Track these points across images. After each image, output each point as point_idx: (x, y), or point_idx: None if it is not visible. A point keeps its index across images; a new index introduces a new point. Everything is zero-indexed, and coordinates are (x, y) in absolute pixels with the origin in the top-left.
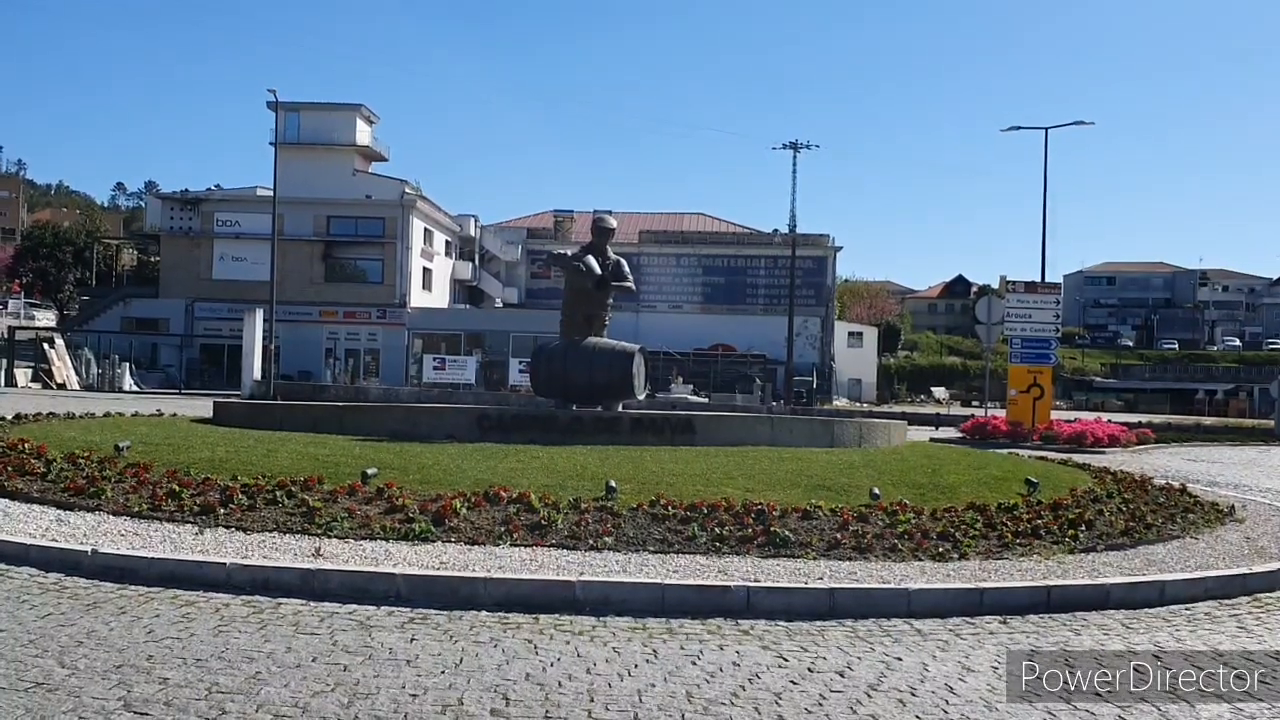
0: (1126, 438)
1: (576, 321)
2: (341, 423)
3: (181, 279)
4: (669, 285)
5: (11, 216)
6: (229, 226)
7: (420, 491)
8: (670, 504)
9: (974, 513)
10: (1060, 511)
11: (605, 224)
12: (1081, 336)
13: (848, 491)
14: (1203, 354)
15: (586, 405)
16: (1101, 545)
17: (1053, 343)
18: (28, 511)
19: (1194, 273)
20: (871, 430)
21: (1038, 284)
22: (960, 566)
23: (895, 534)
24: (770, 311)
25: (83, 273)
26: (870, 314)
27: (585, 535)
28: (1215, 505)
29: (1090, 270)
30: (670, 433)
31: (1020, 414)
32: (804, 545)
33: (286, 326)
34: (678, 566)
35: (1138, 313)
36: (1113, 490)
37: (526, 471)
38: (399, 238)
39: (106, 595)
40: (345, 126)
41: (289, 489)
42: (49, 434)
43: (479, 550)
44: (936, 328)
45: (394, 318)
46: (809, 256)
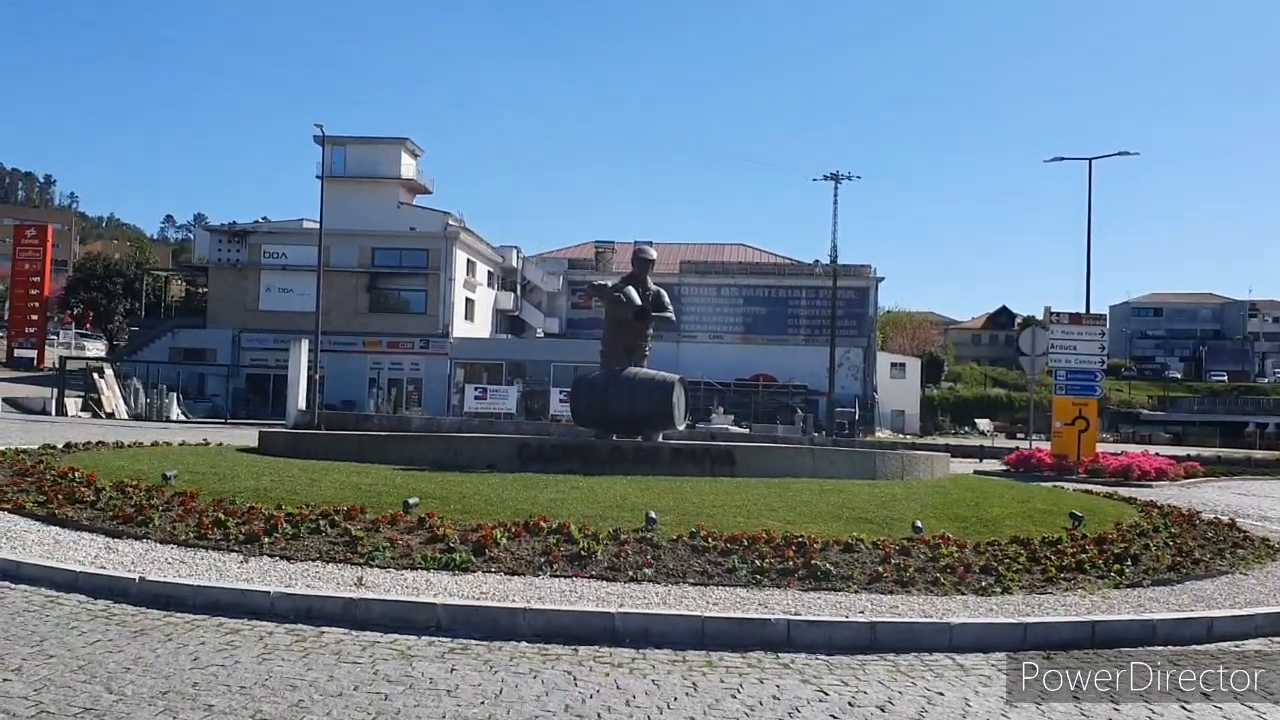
0: (1174, 471)
1: (617, 352)
2: (384, 452)
3: (229, 310)
4: (710, 315)
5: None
6: (275, 258)
7: (461, 521)
8: (710, 535)
9: (1017, 546)
10: (1105, 546)
11: (646, 255)
12: (1128, 368)
13: (890, 524)
14: (1253, 386)
15: (627, 435)
16: (1147, 581)
17: (1098, 375)
18: (77, 539)
19: (1243, 304)
20: (914, 462)
21: (1082, 315)
22: (1003, 601)
23: (937, 567)
24: (812, 342)
25: (132, 304)
26: (913, 345)
27: (625, 566)
28: (1266, 541)
29: (1137, 301)
30: (710, 464)
31: (1065, 447)
32: (845, 578)
33: (331, 356)
34: (718, 599)
35: (1186, 344)
36: (1159, 524)
37: (566, 502)
38: (442, 269)
39: (153, 622)
40: (390, 160)
41: (332, 518)
42: (98, 463)
43: (519, 581)
44: (980, 359)
45: (437, 347)
46: (850, 287)
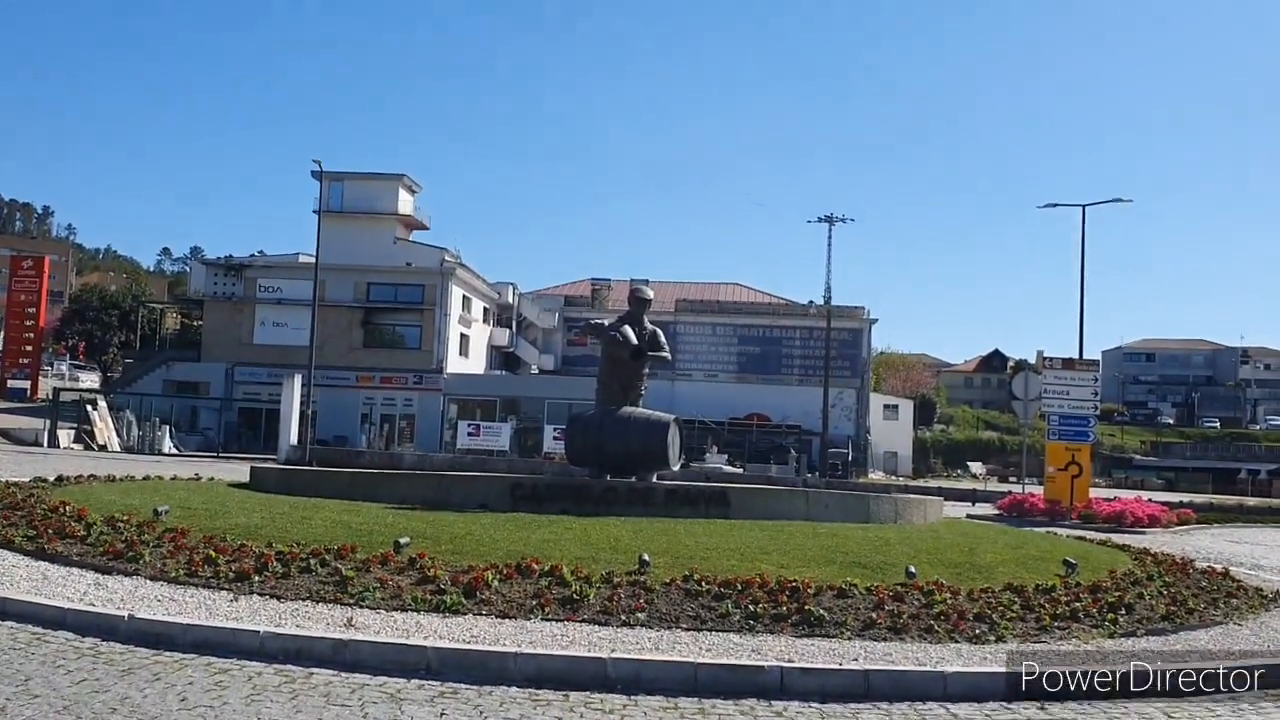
0: (1167, 518)
1: (613, 390)
2: (376, 490)
3: (223, 343)
4: (705, 354)
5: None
6: (271, 292)
7: (452, 562)
8: (704, 579)
9: (1011, 594)
10: (1099, 594)
11: (642, 295)
12: (1121, 413)
13: (883, 569)
14: (1245, 433)
15: (621, 475)
16: (1142, 630)
17: (1091, 420)
18: (67, 575)
19: (1235, 350)
20: (907, 506)
21: (1075, 360)
22: (997, 649)
23: (931, 614)
24: (806, 382)
25: (127, 335)
26: (906, 386)
27: (618, 610)
28: (1260, 590)
29: (1129, 346)
30: (705, 505)
31: (1058, 492)
32: (839, 624)
33: (324, 391)
34: (711, 645)
35: (1178, 390)
36: (1153, 573)
37: (559, 543)
38: (438, 304)
39: (141, 661)
40: (388, 195)
41: (323, 557)
42: (89, 497)
43: (510, 624)
44: (973, 402)
45: (430, 383)
46: (844, 328)
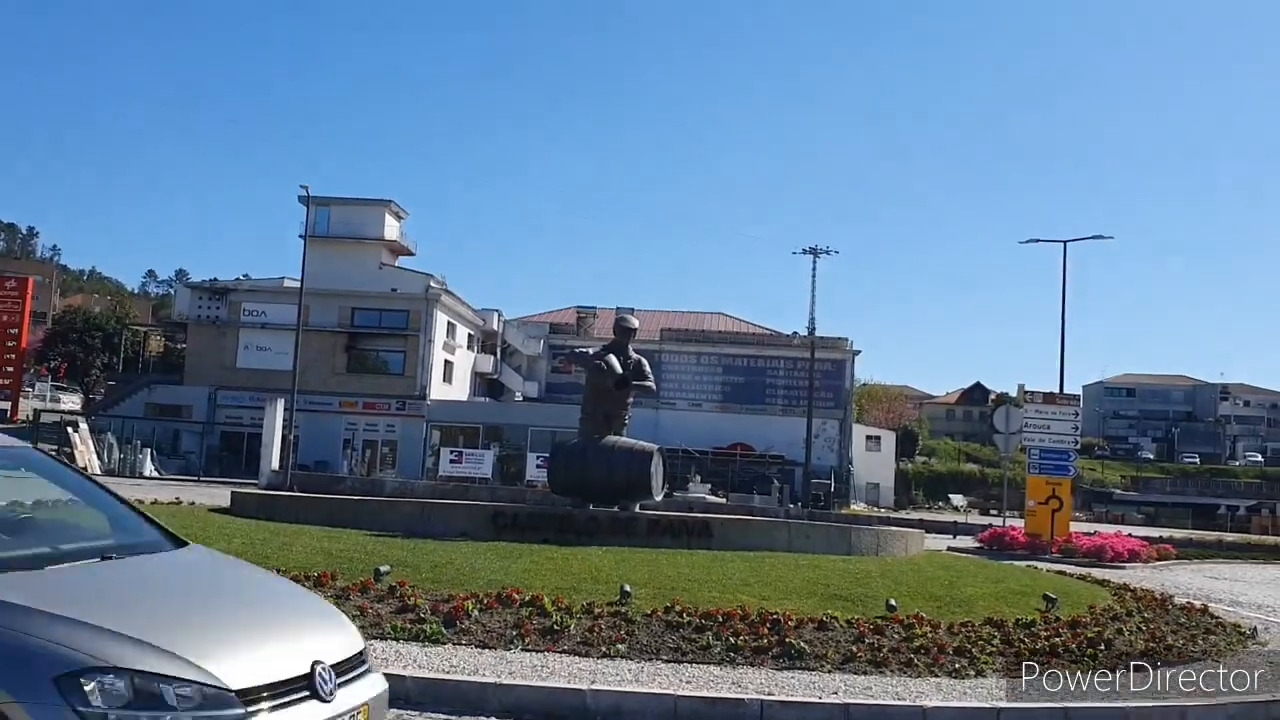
0: (1147, 553)
1: (597, 419)
2: (357, 516)
3: (206, 367)
4: (689, 383)
5: (44, 301)
6: (255, 316)
7: (432, 591)
8: (685, 611)
9: (991, 628)
10: (1079, 629)
11: (627, 324)
12: (1101, 448)
13: (864, 602)
14: (1224, 469)
15: (604, 504)
16: (1121, 666)
17: (1072, 454)
18: None
19: (1215, 386)
20: (889, 538)
21: (1056, 394)
22: (977, 684)
23: (911, 648)
24: (789, 412)
25: (110, 358)
26: (888, 418)
27: (598, 641)
28: (1238, 627)
29: (1110, 381)
30: (687, 536)
31: (1039, 526)
32: (819, 657)
33: (307, 416)
34: (691, 676)
35: (1158, 425)
36: (1132, 608)
37: (540, 573)
38: (422, 330)
39: None
40: (374, 221)
41: (302, 584)
42: None
43: (490, 654)
44: (954, 434)
45: (413, 409)
46: (828, 359)
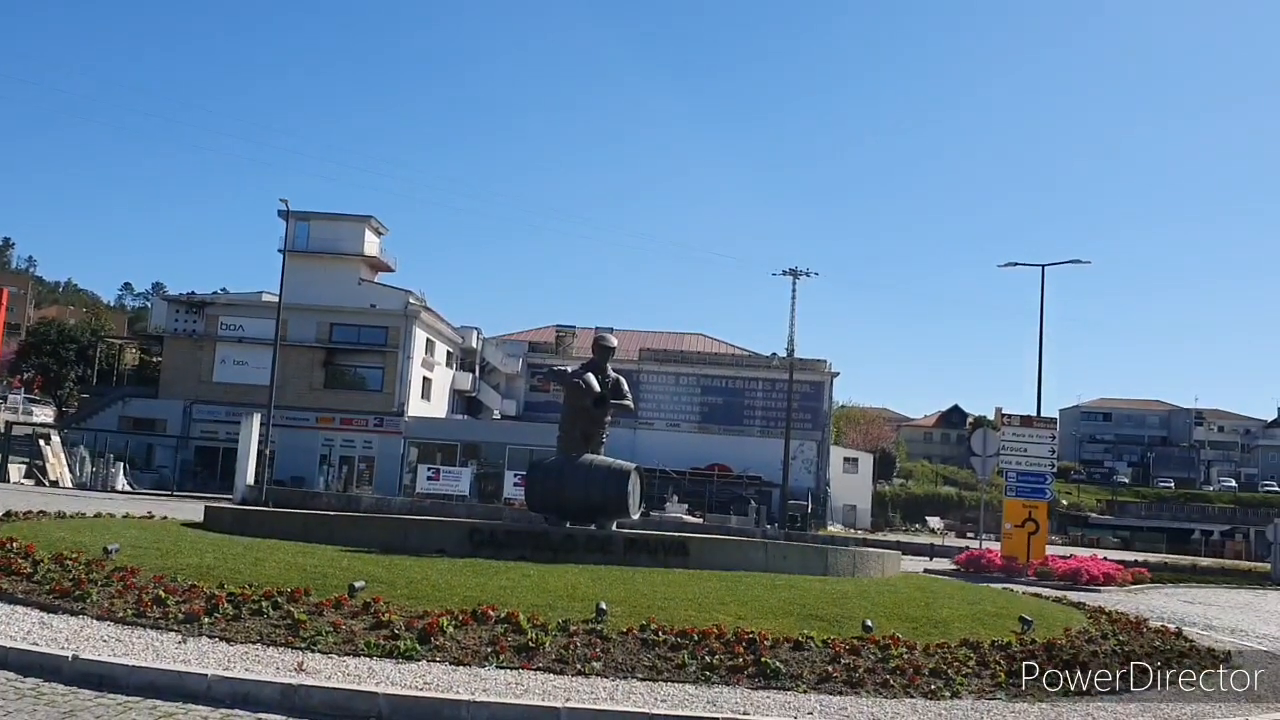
0: (1122, 576)
1: (574, 438)
2: (332, 532)
3: (182, 380)
4: (667, 404)
5: (19, 312)
6: (232, 330)
7: (407, 607)
8: (661, 629)
9: (967, 649)
10: (1054, 652)
11: (606, 342)
12: (1077, 472)
13: (840, 622)
14: (1199, 494)
15: (580, 522)
16: (1095, 689)
17: (1048, 477)
18: (10, 613)
19: (1190, 412)
20: (865, 560)
21: (1033, 418)
22: (952, 705)
23: (887, 669)
24: (767, 433)
25: (85, 370)
26: (866, 440)
27: (573, 659)
28: (1211, 650)
29: (1086, 405)
30: (664, 554)
31: (1015, 548)
32: (795, 677)
33: (283, 431)
34: (666, 695)
35: (1134, 450)
36: (1107, 631)
37: (516, 590)
38: (401, 347)
39: (84, 703)
40: (354, 236)
41: (275, 599)
42: (38, 533)
43: (464, 671)
44: (932, 457)
45: (391, 426)
46: (806, 381)
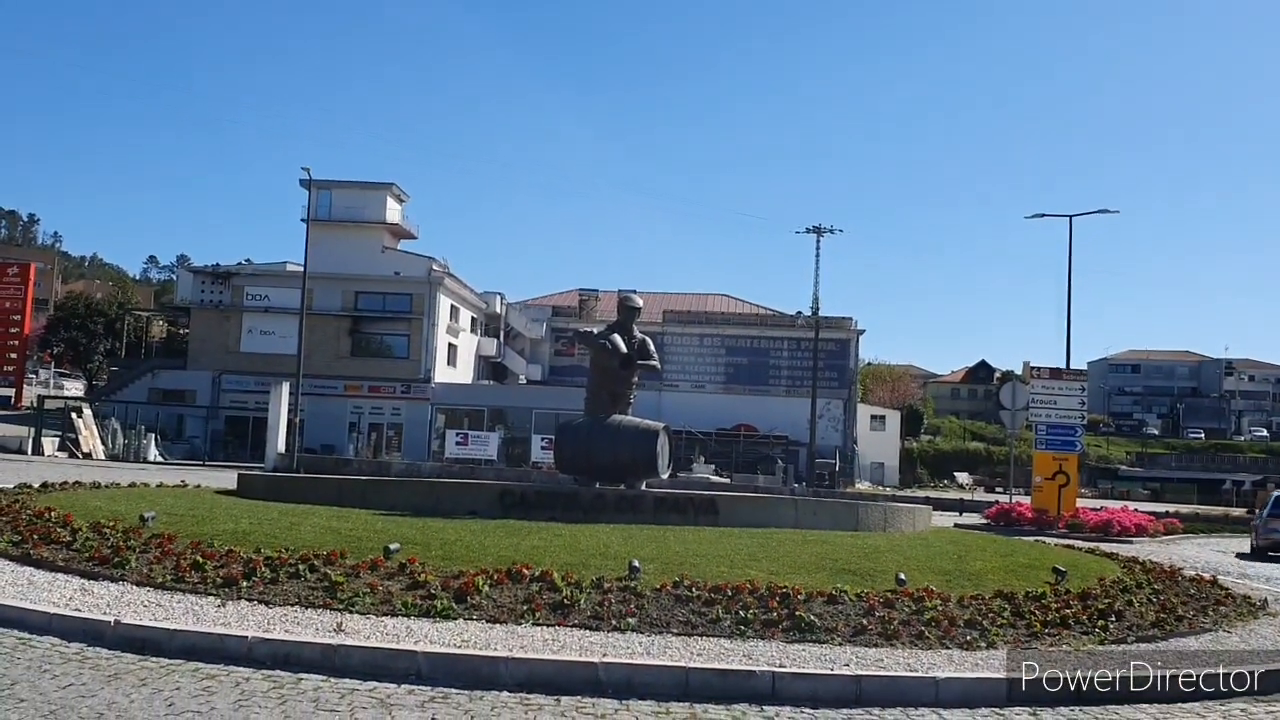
0: (1153, 527)
1: (602, 399)
2: (364, 497)
3: (210, 351)
4: (692, 365)
5: (46, 287)
6: (258, 300)
7: (442, 568)
8: (694, 585)
9: (1001, 601)
10: (1089, 601)
11: (632, 303)
12: (1106, 424)
13: (873, 576)
14: (1229, 444)
15: (610, 483)
16: (1132, 637)
17: (1078, 430)
18: (52, 580)
19: (1220, 362)
20: (896, 514)
21: (1063, 370)
22: (988, 655)
23: (922, 621)
24: (793, 393)
25: (113, 344)
26: (893, 398)
27: (608, 615)
28: (1248, 598)
29: (1115, 358)
30: (694, 513)
31: (1046, 501)
32: (829, 630)
33: (311, 400)
34: (702, 649)
35: (1163, 401)
36: (1142, 580)
37: (549, 549)
38: (426, 314)
39: (128, 666)
40: (376, 204)
41: (311, 563)
42: (75, 503)
43: (500, 629)
44: (959, 413)
45: (418, 392)
46: (831, 339)
